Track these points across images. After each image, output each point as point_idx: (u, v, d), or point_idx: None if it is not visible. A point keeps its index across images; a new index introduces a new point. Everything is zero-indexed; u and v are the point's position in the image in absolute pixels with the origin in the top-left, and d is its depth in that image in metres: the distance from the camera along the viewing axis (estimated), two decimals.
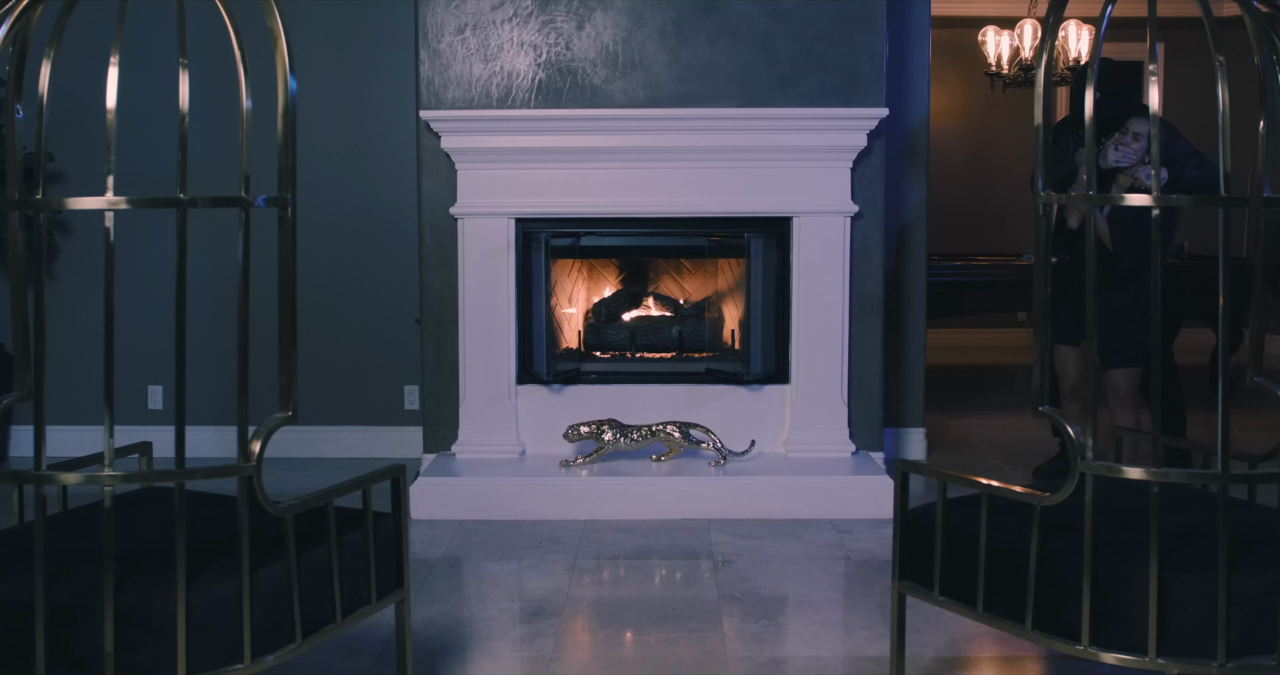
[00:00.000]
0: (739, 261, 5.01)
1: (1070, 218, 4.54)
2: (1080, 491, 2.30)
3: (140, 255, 5.13)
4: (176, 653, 2.10)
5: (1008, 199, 8.36)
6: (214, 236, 4.88)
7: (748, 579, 3.76)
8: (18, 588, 2.11)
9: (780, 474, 4.57)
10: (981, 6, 8.92)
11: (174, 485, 2.14)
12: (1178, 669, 2.23)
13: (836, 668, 3.01)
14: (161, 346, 5.09)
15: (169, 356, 5.05)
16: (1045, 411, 2.33)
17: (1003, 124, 8.95)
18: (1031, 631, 2.37)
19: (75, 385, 5.27)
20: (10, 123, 2.12)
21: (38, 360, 2.15)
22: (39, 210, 2.09)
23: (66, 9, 2.13)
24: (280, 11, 2.14)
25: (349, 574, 2.44)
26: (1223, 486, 2.24)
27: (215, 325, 4.73)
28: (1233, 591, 2.22)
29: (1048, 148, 2.33)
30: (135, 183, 5.18)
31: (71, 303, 5.34)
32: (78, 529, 2.40)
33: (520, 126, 4.71)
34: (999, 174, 8.60)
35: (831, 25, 4.71)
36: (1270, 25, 2.31)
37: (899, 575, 2.68)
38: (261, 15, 2.13)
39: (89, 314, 5.30)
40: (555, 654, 3.12)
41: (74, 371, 5.29)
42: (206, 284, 4.57)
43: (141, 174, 4.94)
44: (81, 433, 4.97)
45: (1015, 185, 8.55)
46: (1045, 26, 2.29)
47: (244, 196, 2.12)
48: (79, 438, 4.92)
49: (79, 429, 5.02)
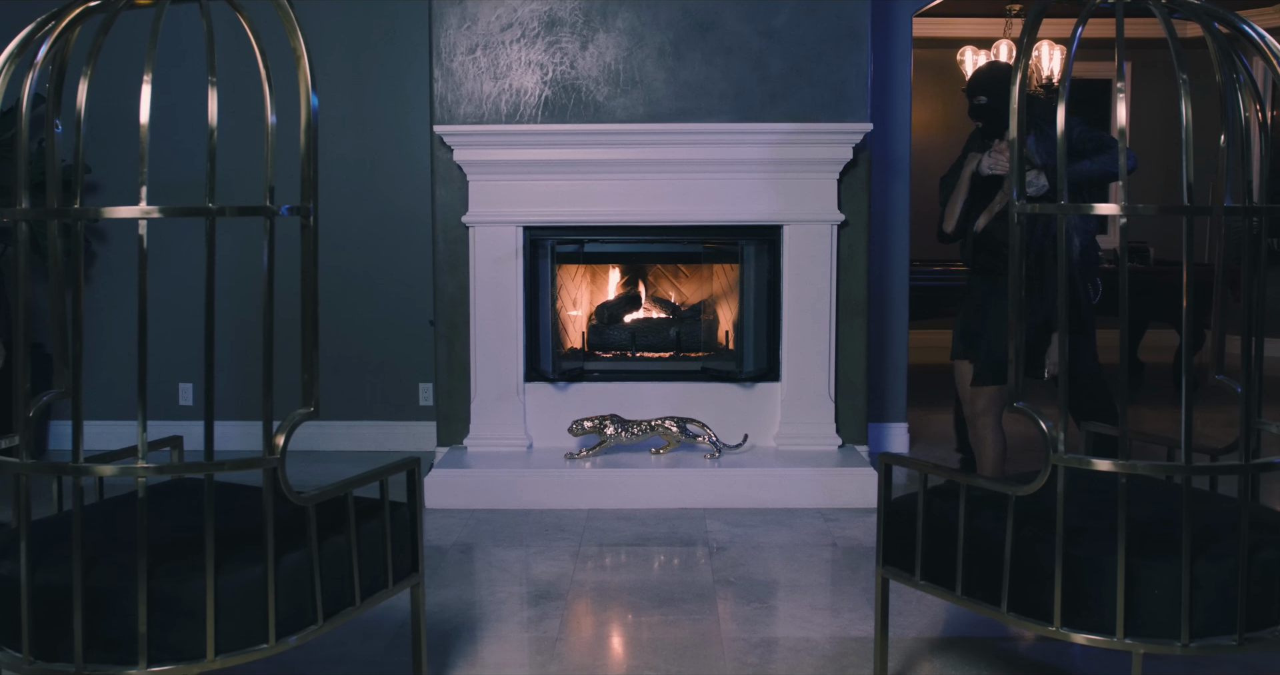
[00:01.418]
0: (732, 267, 5.02)
1: (945, 222, 4.24)
2: (1052, 483, 2.30)
3: (171, 261, 5.13)
4: (205, 634, 2.10)
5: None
6: (240, 243, 4.88)
7: (741, 564, 3.76)
8: (56, 573, 2.11)
9: (771, 466, 4.57)
10: (960, 28, 8.92)
11: (203, 476, 2.14)
12: (1144, 649, 2.23)
13: (824, 648, 3.01)
14: (191, 346, 5.09)
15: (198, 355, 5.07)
16: (1019, 408, 2.33)
17: None
18: (1007, 614, 2.37)
19: (110, 382, 5.27)
20: (50, 137, 2.12)
21: (75, 359, 2.15)
22: (76, 219, 2.09)
23: (102, 30, 2.13)
24: (303, 33, 2.14)
25: (367, 560, 2.44)
26: (1186, 478, 2.24)
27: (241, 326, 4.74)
28: (1196, 576, 2.22)
29: (1022, 160, 2.32)
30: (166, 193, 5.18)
31: (107, 306, 5.35)
32: (113, 518, 2.40)
33: (528, 140, 4.71)
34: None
35: (820, 45, 4.71)
36: (1230, 46, 2.31)
37: (883, 561, 2.68)
38: (285, 37, 2.13)
39: (123, 316, 5.30)
40: (561, 635, 3.12)
41: (109, 370, 5.29)
42: (233, 288, 4.57)
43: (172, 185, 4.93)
44: (116, 427, 4.98)
45: None
46: (1020, 46, 2.29)
47: (269, 206, 2.12)
48: (114, 432, 4.93)
49: (114, 424, 5.02)
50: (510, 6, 4.74)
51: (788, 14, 4.74)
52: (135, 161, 5.08)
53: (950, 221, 4.23)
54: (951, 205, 4.22)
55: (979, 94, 4.12)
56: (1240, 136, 2.26)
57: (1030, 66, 7.88)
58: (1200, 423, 5.70)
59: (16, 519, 2.12)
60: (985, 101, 4.09)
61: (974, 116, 4.19)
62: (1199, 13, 2.32)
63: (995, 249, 4.07)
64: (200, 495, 2.47)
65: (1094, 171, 3.97)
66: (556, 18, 4.74)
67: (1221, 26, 2.32)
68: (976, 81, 4.16)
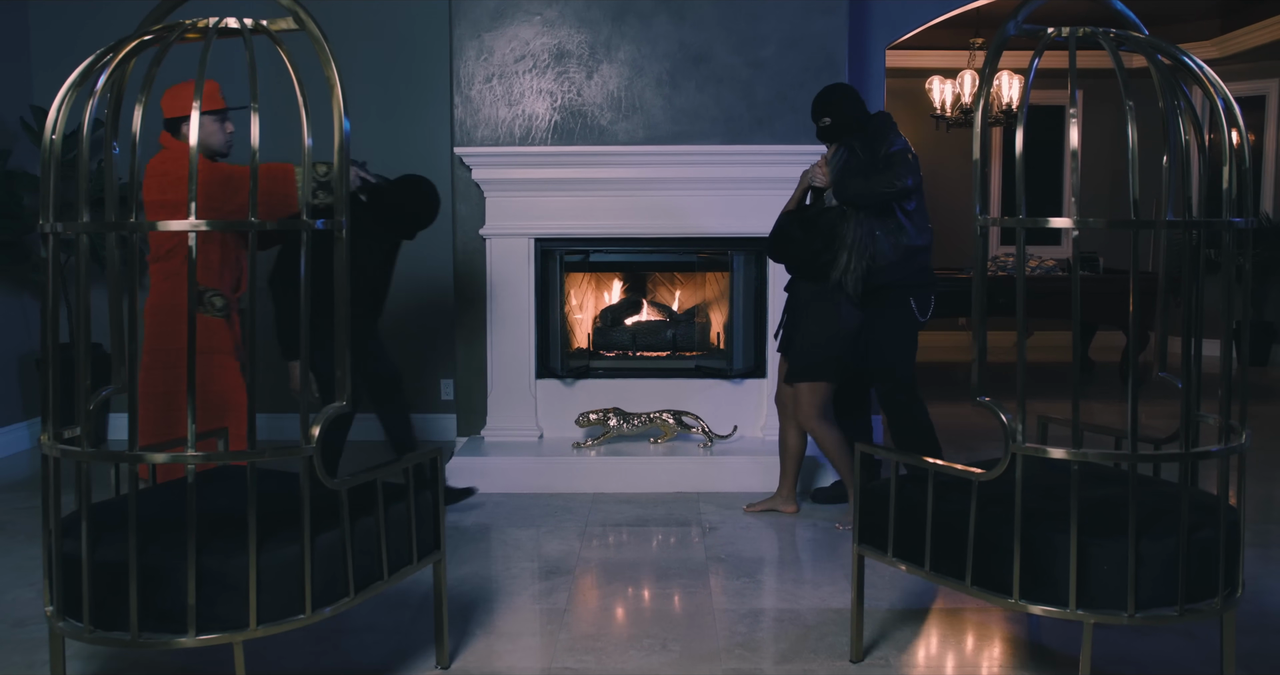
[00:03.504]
0: (723, 275, 5.01)
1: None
2: (1011, 469, 2.30)
3: None
4: (248, 606, 2.10)
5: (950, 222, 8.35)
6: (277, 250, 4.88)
7: (731, 543, 3.75)
8: (114, 551, 2.11)
9: (759, 454, 4.57)
10: (928, 59, 8.92)
11: (246, 464, 2.14)
12: (1094, 619, 2.23)
13: (807, 618, 3.01)
14: None
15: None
16: (982, 402, 2.33)
17: (946, 159, 8.95)
18: (971, 587, 2.37)
19: None
20: (108, 158, 2.12)
21: (131, 358, 2.15)
22: (132, 232, 2.09)
23: (155, 61, 2.13)
24: (337, 64, 2.14)
25: (394, 539, 2.44)
26: (1132, 464, 2.24)
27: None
28: (1140, 554, 2.22)
29: (985, 180, 2.32)
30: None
31: None
32: (164, 501, 2.40)
33: (539, 161, 4.70)
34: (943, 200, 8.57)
35: (802, 74, 4.71)
36: (1172, 76, 2.31)
37: (859, 539, 2.68)
38: (320, 67, 2.13)
39: None
40: (568, 606, 3.12)
41: None
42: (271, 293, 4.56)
43: None
44: None
45: (957, 210, 8.56)
46: (982, 76, 2.29)
47: (305, 220, 2.12)
48: None
49: None
50: (523, 40, 4.74)
51: (773, 47, 4.73)
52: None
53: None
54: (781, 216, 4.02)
55: (822, 116, 3.97)
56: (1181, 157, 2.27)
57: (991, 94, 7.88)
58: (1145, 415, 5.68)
59: (78, 502, 2.12)
60: (829, 122, 3.95)
61: (822, 139, 4.03)
62: (1144, 46, 2.32)
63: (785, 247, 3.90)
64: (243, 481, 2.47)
65: (864, 190, 3.79)
66: (565, 50, 4.74)
67: (1164, 58, 2.33)
68: (819, 104, 3.99)
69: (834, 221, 3.86)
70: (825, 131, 3.98)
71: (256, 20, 2.19)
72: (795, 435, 4.03)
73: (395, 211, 3.72)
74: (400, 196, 3.71)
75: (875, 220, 3.89)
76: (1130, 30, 2.42)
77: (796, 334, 3.92)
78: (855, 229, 3.84)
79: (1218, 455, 2.32)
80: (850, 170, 3.87)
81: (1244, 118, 2.36)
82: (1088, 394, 6.92)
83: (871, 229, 3.87)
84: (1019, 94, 8.22)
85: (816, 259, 3.85)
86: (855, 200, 3.84)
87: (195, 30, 2.16)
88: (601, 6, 4.73)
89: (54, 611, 2.19)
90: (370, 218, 3.75)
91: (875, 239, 3.88)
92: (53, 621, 2.20)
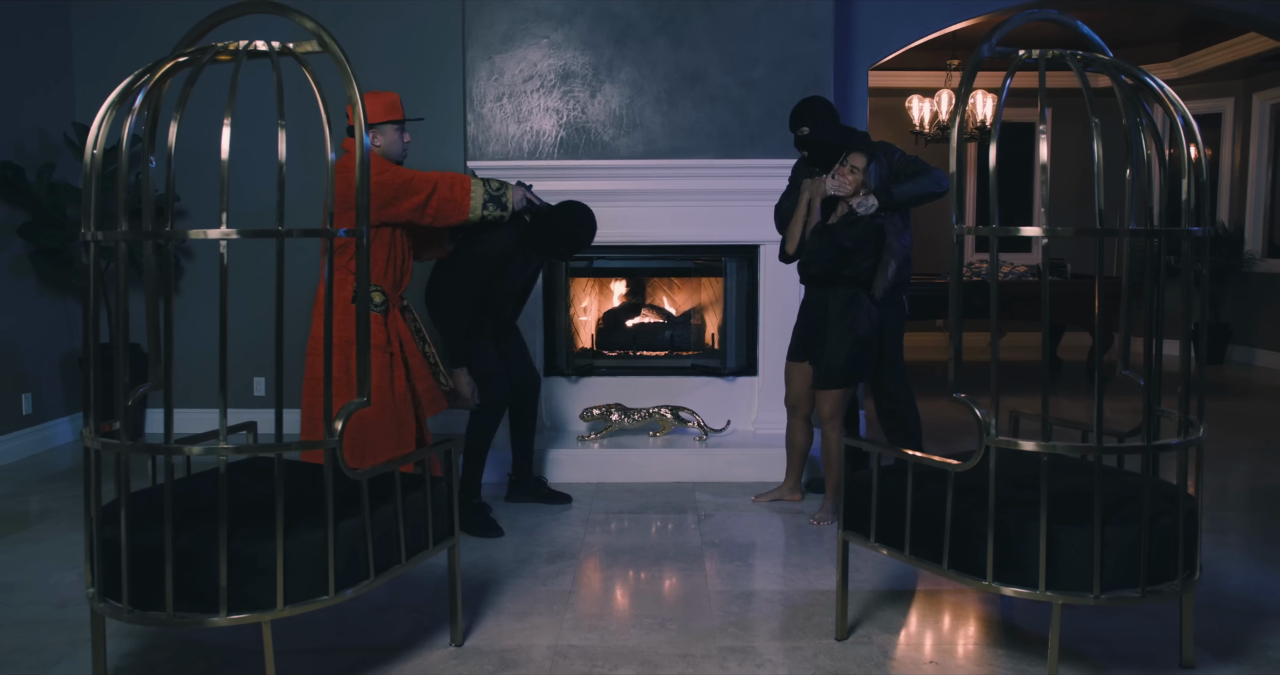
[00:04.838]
0: (718, 280, 5.01)
1: (787, 244, 3.87)
2: (986, 461, 2.31)
3: (246, 273, 5.12)
4: (276, 587, 2.10)
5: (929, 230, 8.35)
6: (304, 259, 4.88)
7: (725, 529, 3.75)
8: (151, 536, 2.11)
9: (750, 447, 4.57)
10: (908, 79, 8.92)
11: (274, 456, 2.15)
12: (1062, 600, 2.23)
13: (795, 599, 3.01)
14: (263, 345, 5.08)
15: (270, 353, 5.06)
16: (958, 398, 2.33)
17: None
18: (947, 570, 2.37)
19: (196, 377, 5.26)
20: (145, 171, 2.12)
21: (167, 357, 2.15)
22: (168, 240, 2.09)
23: (190, 80, 2.14)
24: (358, 83, 2.15)
25: (411, 525, 2.44)
26: (1098, 456, 2.24)
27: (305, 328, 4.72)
28: (1106, 539, 2.22)
29: (961, 192, 2.33)
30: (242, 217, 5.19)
31: (193, 312, 5.34)
32: (198, 490, 2.40)
33: (546, 173, 4.70)
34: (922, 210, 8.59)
35: (791, 93, 4.71)
36: (1134, 95, 2.31)
37: (843, 526, 2.68)
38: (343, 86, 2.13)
39: (207, 320, 5.29)
40: (573, 588, 3.12)
41: (195, 366, 5.28)
42: (298, 295, 4.56)
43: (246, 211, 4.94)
44: (201, 414, 4.98)
45: (935, 220, 8.55)
46: (958, 95, 2.29)
47: (328, 228, 2.12)
48: (199, 418, 4.93)
49: (199, 411, 5.01)
50: (531, 62, 4.74)
51: (764, 68, 4.74)
52: (217, 191, 5.08)
53: (792, 244, 3.84)
54: (792, 228, 3.84)
55: (801, 126, 3.89)
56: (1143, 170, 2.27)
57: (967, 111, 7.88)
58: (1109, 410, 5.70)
59: (117, 491, 2.12)
60: (808, 132, 3.87)
61: (800, 147, 3.94)
62: (1109, 67, 2.33)
63: (815, 259, 3.76)
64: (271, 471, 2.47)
65: (918, 191, 3.82)
66: (570, 71, 4.74)
67: (1127, 79, 2.33)
68: (797, 115, 3.90)
69: (877, 229, 3.76)
70: (803, 140, 3.92)
71: (283, 43, 2.20)
72: (804, 433, 4.02)
73: (555, 233, 3.72)
74: (562, 220, 3.72)
75: (899, 223, 3.93)
76: (1096, 52, 2.43)
77: (828, 342, 3.77)
78: (890, 234, 3.86)
79: (1177, 448, 2.32)
80: (881, 178, 3.88)
81: (1201, 134, 2.37)
82: (1056, 391, 6.92)
83: (897, 231, 3.93)
84: (992, 111, 8.23)
85: (860, 267, 3.74)
86: (910, 203, 3.85)
87: (226, 53, 2.17)
88: (604, 30, 4.73)
89: (95, 593, 2.20)
90: (531, 238, 3.74)
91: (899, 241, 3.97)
92: (94, 602, 2.20)
